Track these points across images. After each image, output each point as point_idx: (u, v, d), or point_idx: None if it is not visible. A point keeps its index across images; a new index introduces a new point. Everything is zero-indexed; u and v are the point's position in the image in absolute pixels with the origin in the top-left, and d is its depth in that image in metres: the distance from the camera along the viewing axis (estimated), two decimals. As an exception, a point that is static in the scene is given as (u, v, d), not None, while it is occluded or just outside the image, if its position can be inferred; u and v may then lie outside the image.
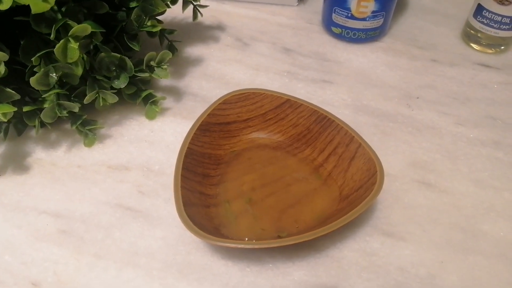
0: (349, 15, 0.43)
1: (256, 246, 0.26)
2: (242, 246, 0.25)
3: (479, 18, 0.43)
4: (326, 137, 0.33)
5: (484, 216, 0.32)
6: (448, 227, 0.31)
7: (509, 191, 0.33)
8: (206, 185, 0.31)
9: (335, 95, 0.40)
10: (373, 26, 0.43)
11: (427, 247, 0.30)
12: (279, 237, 0.29)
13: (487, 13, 0.42)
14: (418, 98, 0.40)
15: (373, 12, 0.42)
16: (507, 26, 0.42)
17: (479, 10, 0.43)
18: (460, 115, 0.39)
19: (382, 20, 0.43)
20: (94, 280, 0.28)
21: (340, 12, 0.43)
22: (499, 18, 0.42)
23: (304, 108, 0.34)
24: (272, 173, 0.33)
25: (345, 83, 0.41)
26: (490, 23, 0.43)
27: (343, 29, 0.44)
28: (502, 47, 0.45)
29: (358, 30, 0.44)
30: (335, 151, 0.32)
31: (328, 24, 0.46)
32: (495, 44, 0.45)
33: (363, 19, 0.43)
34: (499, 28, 0.43)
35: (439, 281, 0.28)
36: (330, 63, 0.44)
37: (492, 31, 0.43)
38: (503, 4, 0.41)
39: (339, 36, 0.46)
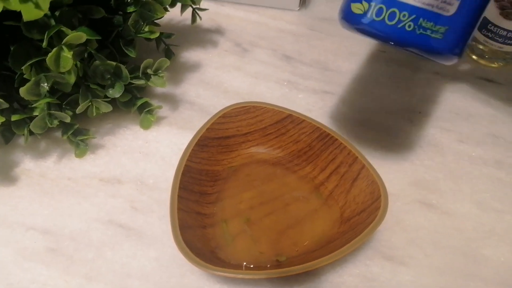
0: None
1: (254, 277, 0.25)
2: (241, 276, 0.24)
3: (483, 32, 0.43)
4: (328, 155, 0.32)
5: (485, 240, 0.31)
6: (450, 251, 0.30)
7: (510, 213, 0.33)
8: (203, 204, 0.30)
9: (336, 107, 0.39)
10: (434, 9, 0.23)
11: (428, 273, 0.29)
12: (278, 261, 0.28)
13: (493, 27, 0.41)
14: (420, 112, 0.39)
15: None
16: (512, 41, 0.41)
17: (484, 23, 0.42)
18: (463, 132, 0.38)
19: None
20: (84, 303, 0.26)
21: None
22: (505, 33, 0.41)
23: (306, 124, 0.32)
24: (271, 191, 0.32)
25: (346, 95, 0.40)
26: (495, 37, 0.42)
27: (371, 3, 0.24)
28: (506, 62, 0.44)
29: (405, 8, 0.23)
30: (337, 171, 0.31)
31: (347, 5, 0.25)
32: (499, 58, 0.44)
33: None
34: (504, 43, 0.42)
35: (440, 310, 0.28)
36: (332, 72, 0.42)
37: (496, 45, 0.42)
38: (509, 19, 0.40)
39: (359, 20, 0.24)
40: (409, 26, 0.23)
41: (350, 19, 0.25)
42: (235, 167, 0.33)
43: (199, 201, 0.29)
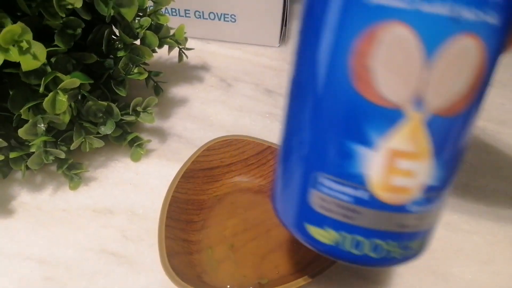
0: (365, 195, 0.17)
1: (237, 298, 0.27)
2: (224, 298, 0.26)
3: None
4: (305, 183, 0.34)
5: (454, 260, 0.33)
6: (420, 270, 0.33)
7: (477, 234, 0.35)
8: (190, 232, 0.32)
9: (315, 137, 0.42)
10: (416, 229, 0.18)
11: (401, 291, 0.31)
12: (260, 284, 0.30)
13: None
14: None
15: (428, 189, 0.17)
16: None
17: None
18: (432, 158, 0.41)
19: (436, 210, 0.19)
20: (78, 329, 0.28)
21: (335, 184, 0.17)
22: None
23: (284, 155, 0.35)
24: (253, 218, 0.34)
25: (324, 125, 0.43)
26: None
27: (343, 233, 0.18)
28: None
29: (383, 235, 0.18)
30: (313, 197, 0.34)
31: (298, 220, 0.20)
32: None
33: (400, 209, 0.17)
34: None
35: (411, 326, 0.30)
36: (310, 104, 0.45)
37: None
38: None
39: (329, 250, 0.19)
40: (398, 253, 0.18)
41: (308, 241, 0.19)
42: (220, 196, 0.35)
43: (186, 229, 0.32)
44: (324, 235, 0.18)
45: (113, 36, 0.37)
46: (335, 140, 0.16)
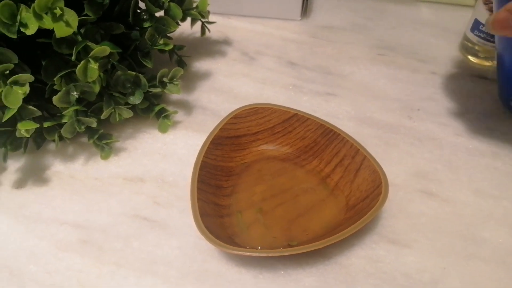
0: None
1: (269, 255, 0.27)
2: (256, 254, 0.27)
3: (476, 32, 0.45)
4: (333, 149, 0.34)
5: (484, 224, 0.33)
6: (450, 235, 0.33)
7: (507, 199, 0.35)
8: (220, 196, 0.32)
9: (339, 108, 0.42)
10: None
11: (430, 254, 0.31)
12: (290, 245, 0.30)
13: (484, 27, 0.44)
14: (419, 110, 0.42)
15: None
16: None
17: (476, 24, 0.45)
18: (459, 127, 0.40)
19: None
20: (115, 288, 0.29)
21: None
22: (496, 32, 0.44)
23: (311, 122, 0.35)
24: (281, 184, 0.34)
25: (349, 96, 0.43)
26: (487, 37, 0.45)
27: None
28: (499, 60, 0.47)
29: None
30: (341, 163, 0.34)
31: (508, 100, 0.40)
32: (492, 57, 0.46)
33: None
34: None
35: (442, 286, 0.30)
36: (334, 76, 0.45)
37: (489, 45, 0.45)
38: (499, 19, 0.43)
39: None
40: None
41: (508, 105, 0.41)
42: (247, 163, 0.35)
43: (216, 194, 0.32)
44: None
45: (138, 10, 0.37)
46: None
